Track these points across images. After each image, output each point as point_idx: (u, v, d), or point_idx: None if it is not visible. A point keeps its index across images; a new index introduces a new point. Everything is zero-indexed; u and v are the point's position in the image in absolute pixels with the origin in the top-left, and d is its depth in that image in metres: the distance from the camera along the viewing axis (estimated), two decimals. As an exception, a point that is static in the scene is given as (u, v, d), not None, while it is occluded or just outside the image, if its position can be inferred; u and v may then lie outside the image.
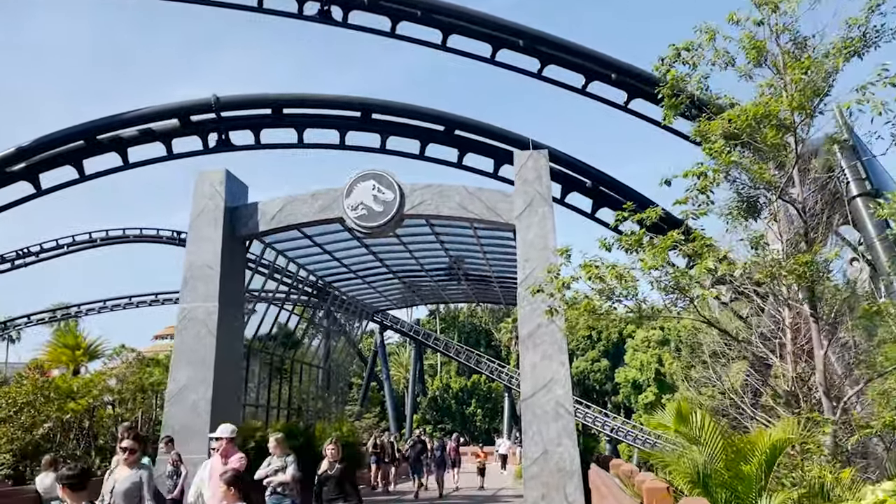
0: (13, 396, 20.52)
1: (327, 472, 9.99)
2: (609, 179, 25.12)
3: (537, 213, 16.99)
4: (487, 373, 66.47)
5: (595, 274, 12.28)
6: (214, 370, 16.85)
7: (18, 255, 60.76)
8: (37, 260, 61.44)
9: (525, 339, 16.34)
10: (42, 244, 60.72)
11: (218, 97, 22.39)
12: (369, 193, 17.66)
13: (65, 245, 61.20)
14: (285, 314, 26.59)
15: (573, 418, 15.82)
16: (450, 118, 23.99)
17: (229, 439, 9.28)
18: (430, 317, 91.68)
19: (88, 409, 22.27)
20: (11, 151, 21.62)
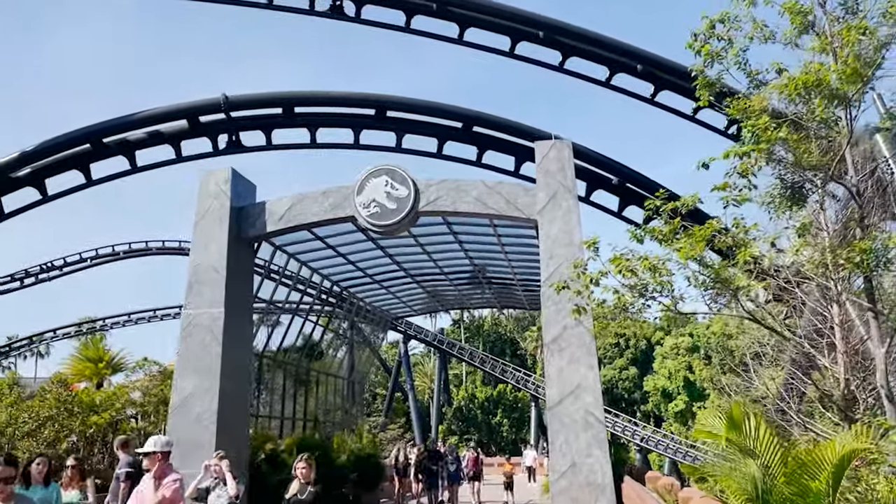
0: (36, 410, 20.31)
1: (297, 495, 8.30)
2: (636, 176, 23.91)
3: (561, 206, 15.86)
4: (513, 382, 65.38)
5: (626, 267, 11.14)
6: (220, 379, 15.89)
7: (42, 269, 60.87)
8: (60, 274, 61.50)
9: (550, 343, 15.18)
10: (65, 258, 60.76)
11: (227, 96, 21.60)
12: (382, 190, 16.65)
13: (88, 258, 61.25)
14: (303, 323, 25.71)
15: (604, 427, 14.61)
16: (468, 114, 22.97)
17: (163, 454, 7.87)
18: (455, 326, 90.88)
19: (112, 422, 21.93)
20: (15, 156, 20.96)
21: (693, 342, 71.81)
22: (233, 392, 16.50)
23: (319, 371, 28.95)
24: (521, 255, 22.64)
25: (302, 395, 26.81)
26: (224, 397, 15.99)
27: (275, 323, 27.98)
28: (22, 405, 21.27)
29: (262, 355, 22.62)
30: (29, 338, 73.57)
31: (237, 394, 16.76)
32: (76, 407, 21.03)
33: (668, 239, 11.20)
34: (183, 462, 15.44)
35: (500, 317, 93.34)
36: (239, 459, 16.53)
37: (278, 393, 25.47)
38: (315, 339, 28.45)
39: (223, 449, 15.91)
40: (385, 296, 28.84)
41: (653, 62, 23.18)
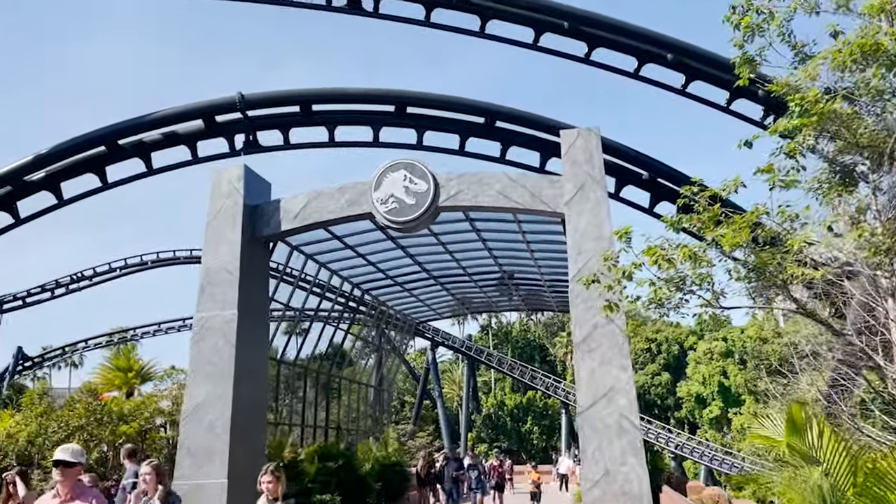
0: (66, 420, 20.18)
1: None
2: (668, 170, 22.87)
3: (589, 198, 14.93)
4: (543, 389, 64.36)
5: (662, 256, 10.20)
6: (234, 385, 15.17)
7: (72, 279, 61.17)
8: (90, 284, 61.76)
9: (580, 343, 14.24)
10: (95, 268, 61.00)
11: (243, 95, 21.03)
12: (400, 185, 15.86)
13: (117, 268, 61.48)
14: (323, 327, 25.02)
15: (640, 433, 13.63)
16: (490, 109, 22.15)
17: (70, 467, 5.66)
18: (483, 332, 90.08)
19: (141, 431, 21.63)
20: (29, 160, 20.57)
21: (727, 347, 70.27)
22: (248, 399, 15.78)
23: (343, 378, 28.26)
24: (548, 254, 21.71)
25: (325, 403, 26.07)
26: (238, 404, 15.27)
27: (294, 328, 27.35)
28: (52, 415, 21.19)
29: (280, 360, 21.92)
30: (62, 348, 74.04)
31: (252, 400, 16.04)
32: (105, 416, 20.87)
33: (708, 226, 10.26)
34: (195, 473, 14.81)
35: (528, 322, 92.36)
36: (254, 469, 15.81)
37: (302, 401, 24.78)
38: (338, 344, 27.78)
39: (237, 458, 15.26)
40: (408, 299, 28.02)
41: (683, 51, 22.19)
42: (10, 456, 19.51)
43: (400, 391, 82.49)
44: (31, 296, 60.96)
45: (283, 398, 22.21)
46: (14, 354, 67.86)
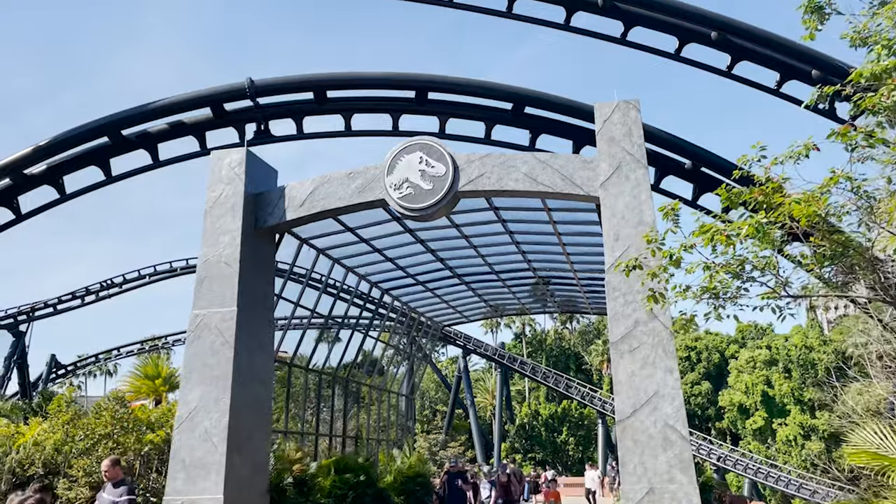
0: (92, 428, 19.17)
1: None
2: (713, 158, 21.00)
3: (629, 178, 13.18)
4: (578, 398, 62.43)
5: (718, 232, 8.47)
6: (232, 389, 13.68)
7: (102, 286, 60.84)
8: (120, 291, 61.38)
9: (618, 343, 12.47)
10: (125, 275, 60.59)
11: (253, 80, 19.69)
12: (416, 168, 14.26)
13: (146, 275, 61.01)
14: (337, 331, 23.55)
15: (689, 444, 11.80)
16: (519, 93, 20.51)
17: None
18: (516, 340, 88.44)
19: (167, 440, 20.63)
20: (28, 151, 19.47)
21: (771, 355, 67.65)
22: (248, 404, 14.28)
23: (362, 383, 26.72)
24: (582, 248, 19.92)
25: (343, 410, 24.51)
26: (237, 410, 13.77)
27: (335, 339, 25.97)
28: (78, 422, 20.36)
29: (290, 363, 20.45)
30: (95, 356, 73.89)
31: (254, 407, 14.53)
32: (131, 424, 19.93)
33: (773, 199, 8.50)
34: (189, 488, 13.29)
35: (563, 331, 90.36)
36: (256, 484, 14.30)
37: (316, 408, 23.33)
38: (359, 349, 26.27)
39: (236, 471, 13.76)
40: (432, 300, 26.34)
41: (729, 27, 20.36)
42: (36, 464, 18.92)
43: (432, 400, 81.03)
44: (61, 303, 60.67)
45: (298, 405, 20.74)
46: (48, 362, 67.86)
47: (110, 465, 9.73)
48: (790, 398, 64.71)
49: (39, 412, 34.82)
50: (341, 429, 23.92)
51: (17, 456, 19.08)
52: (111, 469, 9.74)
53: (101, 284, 61.62)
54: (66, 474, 18.49)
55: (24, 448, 19.34)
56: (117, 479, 9.67)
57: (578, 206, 15.58)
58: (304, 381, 21.95)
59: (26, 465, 18.86)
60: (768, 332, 74.61)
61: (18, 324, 56.77)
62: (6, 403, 40.61)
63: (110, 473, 9.74)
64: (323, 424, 22.90)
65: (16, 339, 56.66)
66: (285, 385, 20.54)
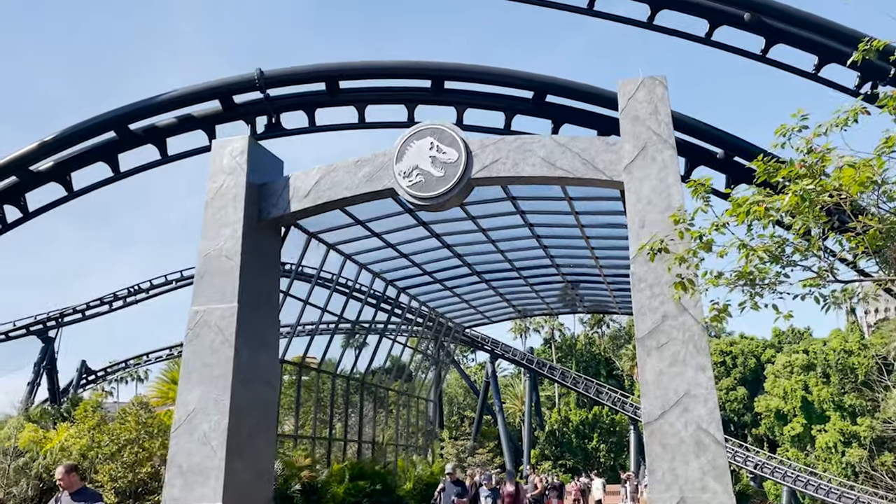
0: (117, 433, 19.31)
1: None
2: (747, 146, 19.78)
3: (655, 160, 12.15)
4: (609, 404, 61.09)
5: (754, 203, 7.43)
6: (232, 390, 12.87)
7: (130, 292, 60.83)
8: (147, 296, 61.33)
9: (644, 339, 11.42)
10: (151, 280, 60.57)
11: (262, 71, 18.96)
12: (426, 154, 13.37)
13: (173, 281, 60.92)
14: (354, 332, 22.69)
15: (724, 450, 10.70)
16: (540, 81, 19.49)
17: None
18: (545, 345, 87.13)
19: None
20: (33, 147, 18.94)
21: (809, 359, 65.53)
22: (250, 406, 13.47)
23: (385, 388, 25.84)
24: (608, 242, 18.85)
25: (356, 414, 23.63)
26: (238, 412, 12.97)
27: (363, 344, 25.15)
28: (104, 427, 20.07)
29: (301, 365, 19.66)
30: (124, 361, 74.06)
31: (257, 409, 13.71)
32: (156, 429, 19.91)
33: (815, 174, 7.45)
34: (187, 495, 12.46)
35: (593, 335, 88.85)
36: (258, 491, 13.46)
37: (336, 413, 22.50)
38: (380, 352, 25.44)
39: (237, 477, 12.95)
40: (452, 300, 25.35)
41: (763, 8, 19.20)
42: None
43: (460, 406, 79.98)
44: (90, 308, 60.77)
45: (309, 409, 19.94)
46: (78, 368, 68.09)
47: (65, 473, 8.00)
48: (830, 404, 62.62)
49: (67, 418, 34.71)
50: (358, 434, 23.07)
51: (44, 461, 19.13)
52: (66, 477, 7.99)
53: (129, 290, 61.60)
54: (92, 480, 18.25)
55: (52, 453, 19.37)
56: (75, 488, 8.03)
57: (602, 194, 14.57)
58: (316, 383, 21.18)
59: (53, 470, 18.50)
60: (806, 336, 72.53)
61: (47, 330, 56.95)
62: (35, 409, 40.60)
63: (65, 482, 7.99)
64: (339, 429, 22.06)
65: (45, 344, 56.83)
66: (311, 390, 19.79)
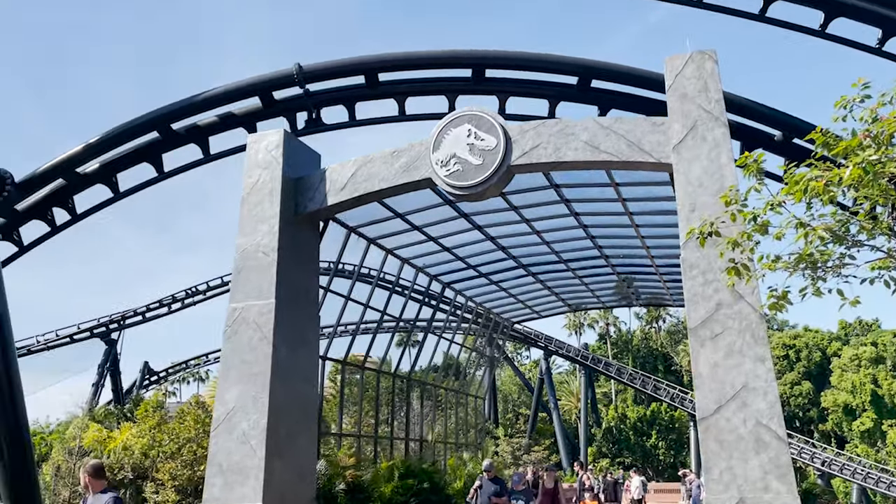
0: (176, 432, 19.74)
1: None
2: (808, 127, 18.67)
3: (705, 139, 11.43)
4: (668, 400, 59.61)
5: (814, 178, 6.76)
6: (271, 387, 12.63)
7: (187, 294, 61.89)
8: (204, 298, 62.33)
9: (697, 328, 10.73)
10: (208, 282, 61.52)
11: (301, 66, 18.72)
12: (464, 142, 12.91)
13: (228, 282, 61.68)
14: (396, 331, 22.36)
15: (786, 446, 9.95)
16: (584, 65, 18.76)
17: None
18: (600, 341, 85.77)
19: None
20: (79, 149, 19.09)
21: (877, 352, 62.94)
22: (290, 404, 13.22)
23: (436, 385, 25.46)
24: (659, 230, 18.06)
25: (404, 412, 23.27)
26: (277, 410, 12.72)
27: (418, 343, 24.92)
28: (164, 427, 20.70)
29: (344, 362, 19.42)
30: (185, 362, 75.49)
31: (296, 407, 13.45)
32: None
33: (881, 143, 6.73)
34: (227, 495, 12.27)
35: (650, 330, 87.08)
36: (299, 490, 13.19)
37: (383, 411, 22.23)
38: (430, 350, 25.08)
39: (277, 477, 12.72)
40: (498, 294, 24.79)
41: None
42: (126, 468, 19.32)
43: (514, 403, 79.30)
44: (150, 311, 62.05)
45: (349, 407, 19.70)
46: (141, 369, 69.70)
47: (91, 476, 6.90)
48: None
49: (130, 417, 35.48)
50: (407, 432, 22.73)
51: (107, 461, 19.36)
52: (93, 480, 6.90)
53: (186, 292, 62.62)
54: (154, 478, 18.40)
55: (115, 452, 19.72)
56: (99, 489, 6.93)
57: (650, 179, 13.89)
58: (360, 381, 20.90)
59: (116, 469, 19.20)
60: (874, 327, 69.73)
61: (110, 332, 58.33)
62: (100, 409, 41.66)
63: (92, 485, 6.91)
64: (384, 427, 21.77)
65: (108, 347, 58.25)
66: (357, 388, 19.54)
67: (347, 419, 21.52)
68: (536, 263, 21.48)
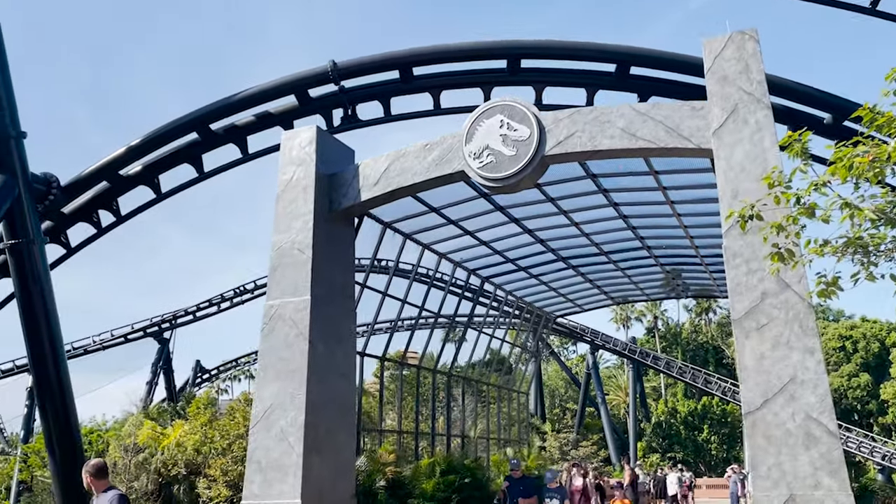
0: (227, 429, 20.00)
1: None
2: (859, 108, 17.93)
3: (747, 122, 11.00)
4: (719, 394, 58.49)
5: (860, 155, 6.41)
6: (308, 384, 12.61)
7: (236, 293, 62.78)
8: (252, 297, 63.16)
9: (742, 319, 10.32)
10: (256, 281, 62.30)
11: (335, 62, 18.75)
12: (496, 133, 12.68)
13: (272, 280, 62.25)
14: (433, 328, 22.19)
15: (838, 441, 9.50)
16: (623, 52, 18.37)
17: None
18: (648, 335, 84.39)
19: None
20: (122, 152, 19.44)
21: (937, 340, 60.84)
22: (328, 400, 13.18)
23: (467, 378, 25.22)
24: (701, 219, 17.53)
25: (445, 408, 23.13)
26: (314, 407, 12.70)
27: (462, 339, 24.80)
28: (215, 423, 21.05)
29: (383, 359, 19.34)
30: (235, 360, 76.61)
31: (334, 404, 13.41)
32: None
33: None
34: (266, 492, 12.32)
35: (699, 323, 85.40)
36: (338, 487, 13.16)
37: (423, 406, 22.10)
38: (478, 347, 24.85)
39: (315, 473, 12.69)
40: (538, 287, 24.44)
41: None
42: (179, 465, 19.58)
43: (562, 398, 78.64)
44: (200, 310, 63.06)
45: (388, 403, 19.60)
46: (193, 367, 71.02)
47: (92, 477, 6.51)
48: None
49: (183, 415, 36.16)
50: (449, 428, 22.59)
51: (161, 457, 19.76)
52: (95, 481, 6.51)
53: (235, 291, 63.44)
54: (206, 474, 18.65)
55: (168, 449, 19.99)
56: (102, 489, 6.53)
57: (691, 166, 13.45)
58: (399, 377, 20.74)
59: (170, 465, 19.52)
60: (938, 313, 67.27)
61: (162, 331, 59.50)
62: (154, 407, 42.46)
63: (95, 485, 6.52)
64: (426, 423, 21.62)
65: (161, 345, 59.46)
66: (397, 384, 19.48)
67: (393, 415, 21.48)
68: (576, 256, 21.11)
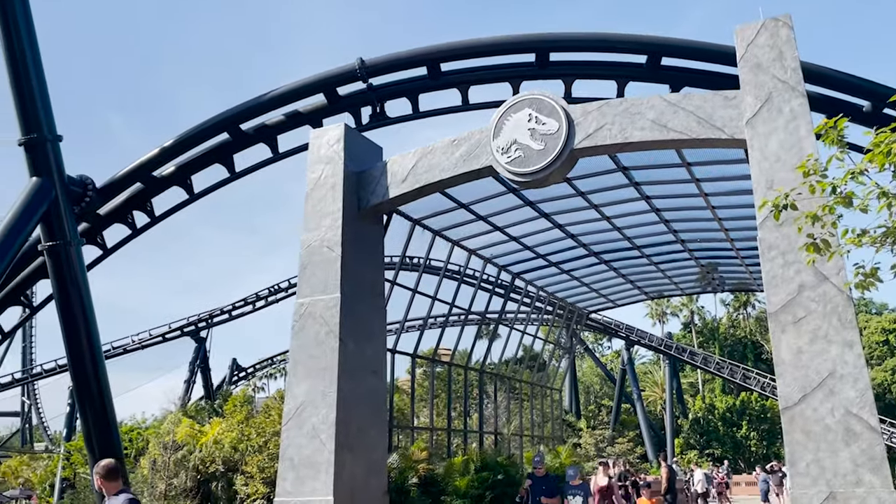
0: (263, 426, 20.16)
1: None
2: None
3: (781, 111, 10.71)
4: (758, 390, 57.47)
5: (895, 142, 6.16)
6: (339, 381, 12.63)
7: (271, 291, 63.37)
8: (287, 295, 63.69)
9: (778, 313, 10.07)
10: (290, 280, 62.82)
11: (363, 60, 18.75)
12: (524, 127, 12.53)
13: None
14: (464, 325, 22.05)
15: (880, 437, 9.21)
16: (654, 43, 18.07)
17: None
18: (685, 330, 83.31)
19: None
20: (155, 153, 19.68)
21: None
22: (359, 398, 13.19)
23: (499, 375, 25.10)
24: (736, 212, 17.19)
25: (479, 405, 23.05)
26: (346, 404, 12.71)
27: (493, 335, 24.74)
28: (251, 421, 21.34)
29: (414, 356, 19.34)
30: (270, 358, 77.37)
31: (365, 400, 13.42)
32: None
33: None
34: (298, 489, 12.36)
35: (737, 318, 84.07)
36: (370, 484, 13.16)
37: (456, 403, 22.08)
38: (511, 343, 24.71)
39: (348, 471, 12.71)
40: (570, 283, 24.21)
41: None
42: (217, 462, 19.88)
43: (597, 395, 78.05)
44: (235, 309, 63.74)
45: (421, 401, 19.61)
46: (230, 366, 71.89)
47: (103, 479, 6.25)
48: None
49: (220, 413, 36.66)
50: (481, 425, 22.51)
51: (199, 454, 20.03)
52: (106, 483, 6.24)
53: (270, 290, 63.99)
54: (243, 471, 18.86)
55: (206, 447, 20.24)
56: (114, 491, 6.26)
57: (724, 157, 13.18)
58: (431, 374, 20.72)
59: (208, 462, 19.77)
60: None
61: (199, 330, 60.25)
62: (192, 405, 43.02)
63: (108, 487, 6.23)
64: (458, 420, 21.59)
65: (198, 344, 60.21)
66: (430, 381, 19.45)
67: (425, 412, 21.46)
68: (609, 251, 20.87)
